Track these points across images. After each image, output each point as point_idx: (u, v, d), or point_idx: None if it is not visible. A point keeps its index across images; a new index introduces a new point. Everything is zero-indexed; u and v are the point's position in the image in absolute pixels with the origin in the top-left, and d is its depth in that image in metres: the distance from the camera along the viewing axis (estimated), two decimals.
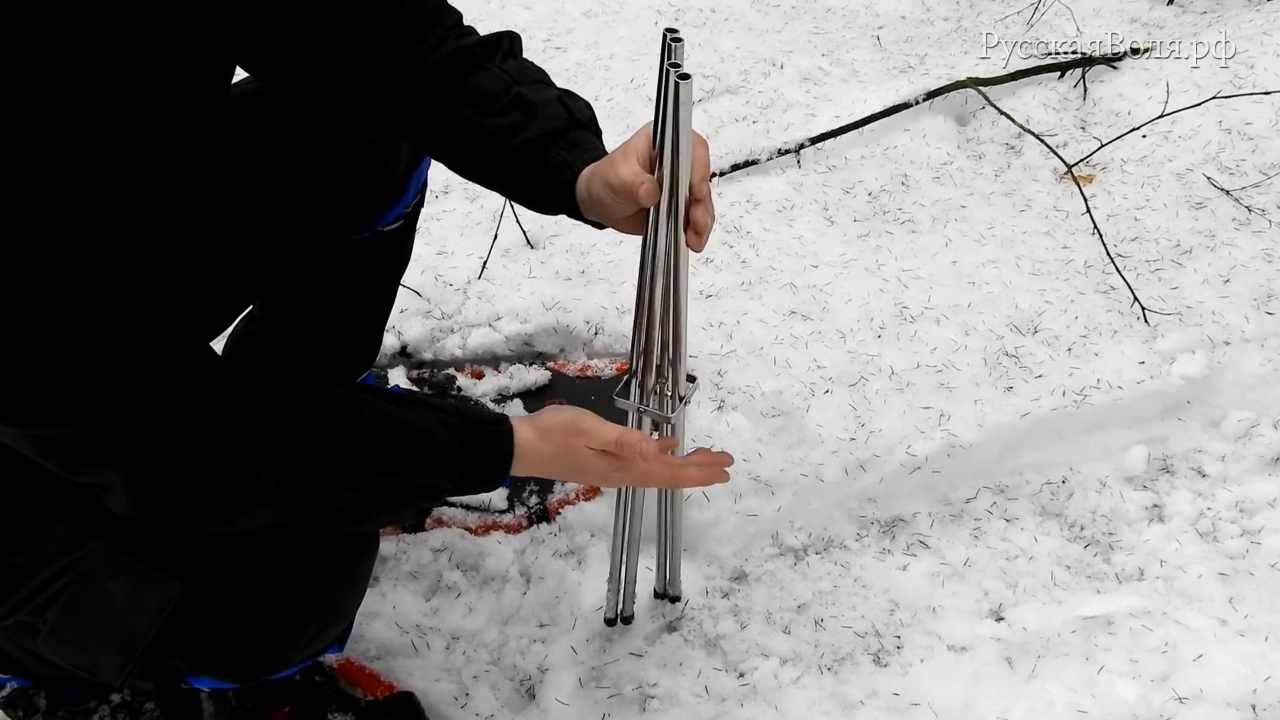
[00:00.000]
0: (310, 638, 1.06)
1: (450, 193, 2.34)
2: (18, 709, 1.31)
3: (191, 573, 0.96)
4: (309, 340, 1.51)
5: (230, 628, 1.00)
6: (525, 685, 1.42)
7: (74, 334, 0.78)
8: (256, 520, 0.92)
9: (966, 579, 1.55)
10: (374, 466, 0.94)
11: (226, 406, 0.90)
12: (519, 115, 1.03)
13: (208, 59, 0.93)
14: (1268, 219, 2.13)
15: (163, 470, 0.87)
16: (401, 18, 1.07)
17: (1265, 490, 1.65)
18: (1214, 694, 1.34)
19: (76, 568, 0.94)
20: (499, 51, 1.09)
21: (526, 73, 1.08)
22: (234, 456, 0.89)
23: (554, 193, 1.03)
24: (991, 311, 1.94)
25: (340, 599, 1.08)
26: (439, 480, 0.99)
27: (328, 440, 0.93)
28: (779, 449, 1.67)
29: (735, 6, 3.27)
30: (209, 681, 1.10)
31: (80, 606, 0.94)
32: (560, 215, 1.08)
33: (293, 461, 0.91)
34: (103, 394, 0.82)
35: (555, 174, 1.01)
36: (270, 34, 1.04)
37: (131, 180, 0.82)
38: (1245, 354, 1.84)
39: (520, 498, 1.66)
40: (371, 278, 1.53)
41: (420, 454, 0.97)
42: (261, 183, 1.22)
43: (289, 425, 0.92)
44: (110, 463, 0.85)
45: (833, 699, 1.38)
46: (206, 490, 0.89)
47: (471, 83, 1.05)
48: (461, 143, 1.07)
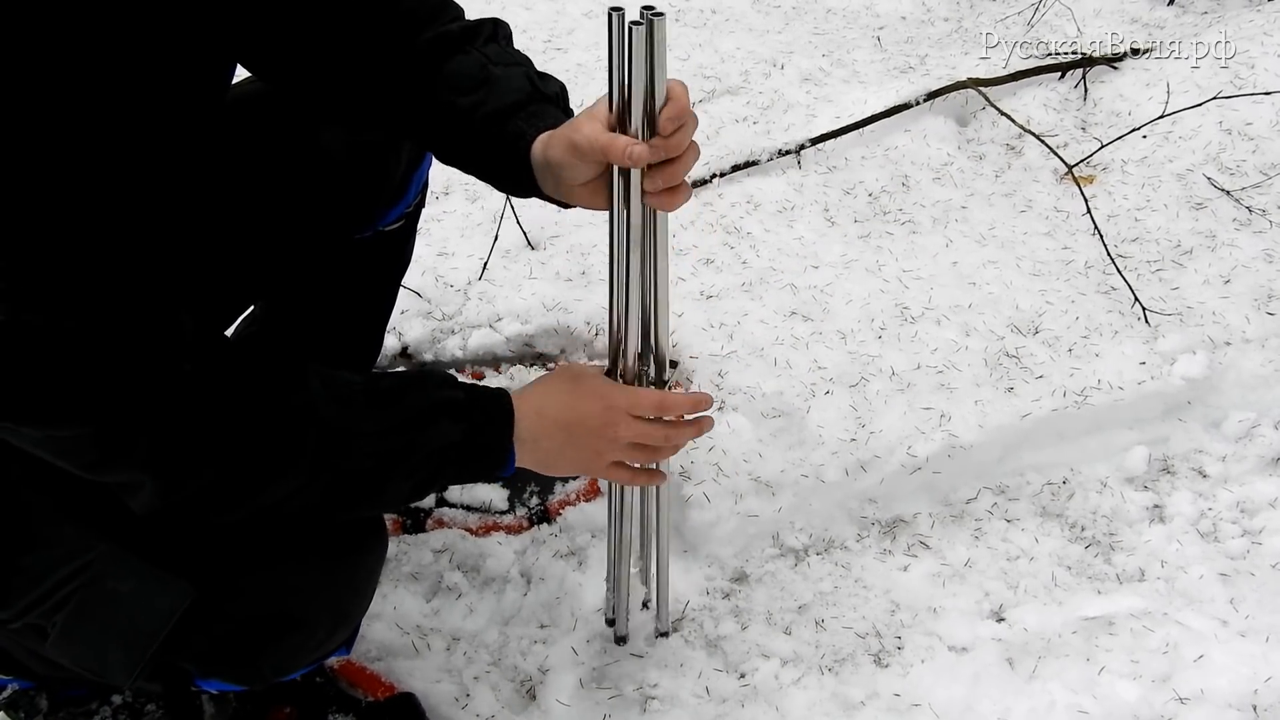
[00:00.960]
0: (320, 639, 1.06)
1: (451, 193, 2.34)
2: (19, 710, 1.31)
3: (201, 575, 0.96)
4: (310, 341, 1.51)
5: (239, 629, 1.00)
6: (526, 686, 1.42)
7: (91, 334, 0.78)
8: (282, 491, 0.92)
9: (967, 580, 1.55)
10: (389, 431, 0.95)
11: (244, 385, 0.90)
12: (484, 92, 1.02)
13: (208, 58, 0.93)
14: (1268, 219, 2.12)
15: (188, 455, 0.87)
16: (402, 16, 1.08)
17: (1266, 491, 1.65)
18: (1215, 694, 1.33)
19: (86, 571, 0.94)
20: (480, 36, 1.08)
21: (505, 55, 1.07)
22: (257, 428, 0.89)
23: (512, 165, 1.00)
24: (992, 312, 1.94)
25: (349, 600, 1.09)
26: (450, 433, 0.97)
27: (345, 407, 0.93)
28: (779, 450, 1.67)
29: (736, 7, 3.27)
30: (218, 684, 1.10)
31: (90, 609, 0.94)
32: (531, 197, 1.05)
33: (315, 425, 0.91)
34: (123, 392, 0.81)
35: (511, 144, 0.99)
36: (272, 34, 1.04)
37: (137, 178, 0.82)
38: (1246, 354, 1.84)
39: (521, 499, 1.67)
40: (372, 278, 1.54)
41: (429, 411, 0.97)
42: (262, 182, 1.23)
43: (309, 394, 0.92)
44: (134, 458, 0.85)
45: (833, 700, 1.38)
46: (232, 467, 0.89)
47: (449, 66, 1.04)
48: (439, 125, 1.06)
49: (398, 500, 1.02)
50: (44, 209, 0.74)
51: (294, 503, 0.93)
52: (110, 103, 0.77)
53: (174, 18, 0.82)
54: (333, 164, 1.25)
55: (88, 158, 0.76)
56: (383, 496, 1.00)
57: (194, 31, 0.86)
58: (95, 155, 0.77)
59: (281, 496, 0.92)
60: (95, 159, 0.77)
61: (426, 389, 1.00)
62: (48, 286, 0.75)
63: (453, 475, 1.01)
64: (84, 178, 0.76)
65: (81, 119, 0.75)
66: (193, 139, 0.94)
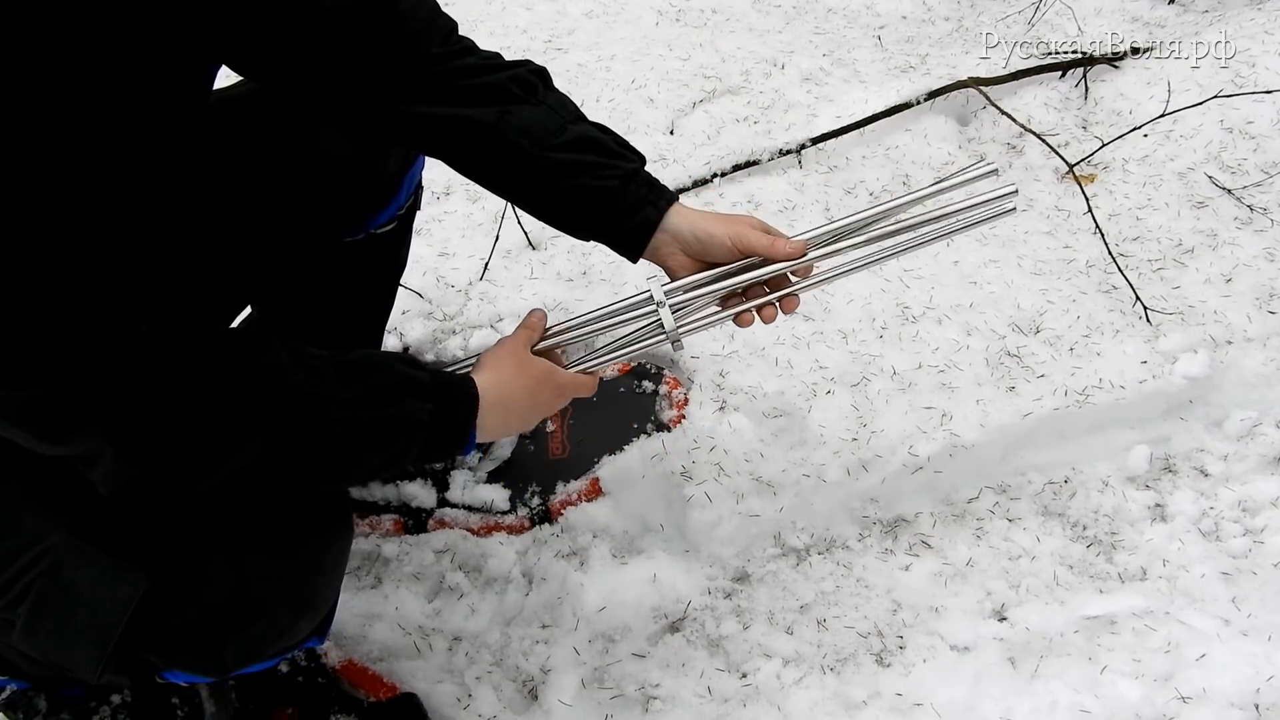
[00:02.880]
0: (282, 628, 1.04)
1: (452, 194, 2.34)
2: (17, 711, 1.31)
3: (157, 563, 0.95)
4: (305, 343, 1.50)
5: (200, 619, 0.98)
6: (528, 686, 1.42)
7: (53, 290, 0.78)
8: (249, 457, 0.91)
9: (969, 579, 1.55)
10: (357, 403, 0.97)
11: (208, 351, 0.89)
12: (594, 155, 1.15)
13: (191, 57, 0.93)
14: (1269, 218, 2.12)
15: (149, 419, 0.85)
16: (394, 21, 1.08)
17: (1268, 490, 1.65)
18: (1217, 694, 1.33)
19: (43, 560, 0.93)
20: (538, 89, 1.18)
21: (568, 107, 1.19)
22: (224, 389, 0.88)
23: (616, 223, 1.16)
24: (993, 311, 1.94)
25: (311, 587, 1.06)
26: (417, 410, 1.01)
27: (314, 376, 0.95)
28: (781, 449, 1.67)
29: (736, 7, 3.27)
30: (182, 675, 1.08)
31: (50, 600, 0.93)
32: (586, 241, 1.21)
33: (286, 389, 0.92)
34: (77, 349, 0.80)
35: (634, 209, 1.16)
36: (260, 35, 1.04)
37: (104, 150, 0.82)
38: (1247, 353, 1.84)
39: (522, 499, 1.67)
40: (366, 280, 1.52)
41: (396, 387, 1.01)
42: (247, 183, 1.22)
43: (277, 358, 0.93)
44: (94, 424, 0.83)
45: (835, 699, 1.38)
46: (197, 431, 0.88)
47: (520, 115, 1.14)
48: (510, 170, 1.16)
49: (365, 475, 1.02)
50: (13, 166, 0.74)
51: (261, 472, 0.92)
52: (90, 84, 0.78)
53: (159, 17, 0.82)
54: (318, 165, 1.25)
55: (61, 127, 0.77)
56: (352, 469, 1.00)
57: (178, 30, 0.86)
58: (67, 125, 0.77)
59: (249, 463, 0.91)
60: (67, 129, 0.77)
61: (393, 367, 1.02)
62: (11, 238, 0.75)
63: (418, 454, 1.03)
64: (45, 142, 0.76)
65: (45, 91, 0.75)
66: (174, 129, 0.94)
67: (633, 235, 1.17)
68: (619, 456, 1.67)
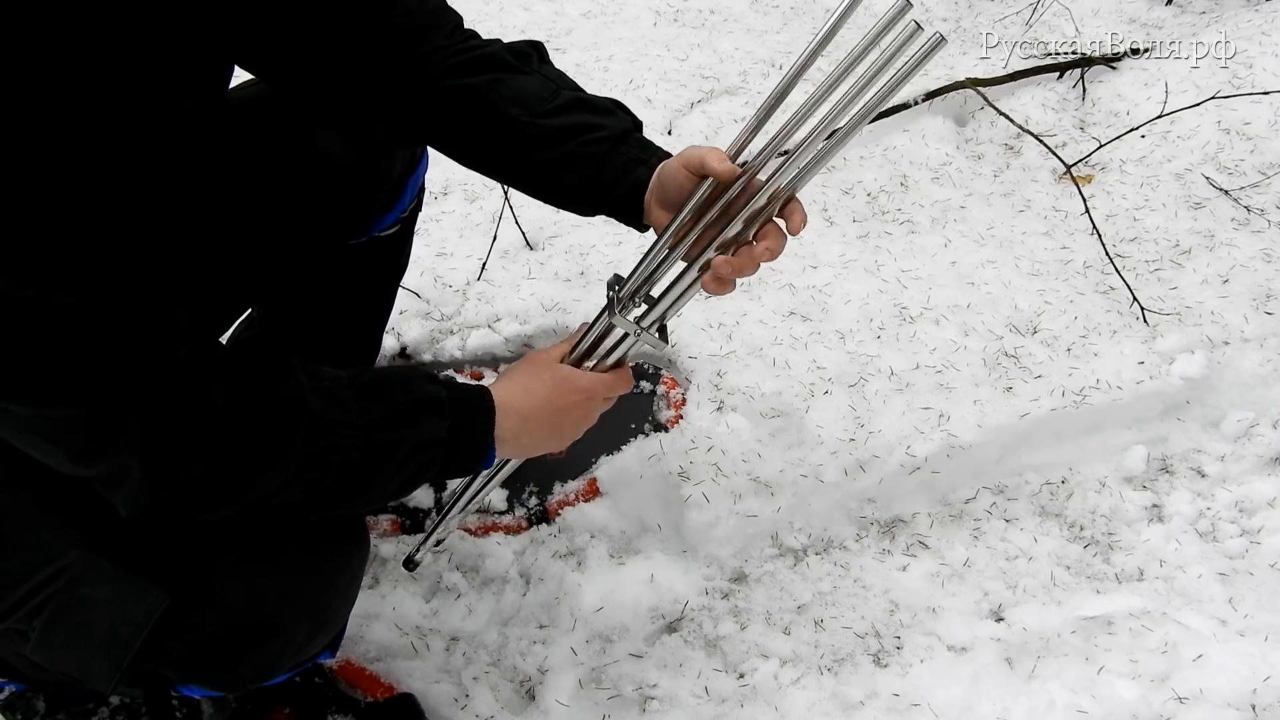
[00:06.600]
0: (299, 645, 1.05)
1: (450, 194, 2.34)
2: (16, 712, 1.31)
3: (175, 580, 0.95)
4: (306, 344, 1.50)
5: (216, 635, 0.99)
6: (525, 686, 1.42)
7: (86, 311, 0.78)
8: (271, 484, 0.91)
9: (966, 579, 1.55)
10: (374, 425, 0.95)
11: (234, 379, 0.89)
12: (583, 115, 1.09)
13: (205, 58, 0.93)
14: (1266, 219, 2.13)
15: (178, 442, 0.86)
16: (400, 16, 1.08)
17: (1265, 490, 1.65)
18: (1214, 694, 1.34)
19: (61, 577, 0.94)
20: (532, 58, 1.14)
21: (564, 78, 1.14)
22: (248, 417, 0.88)
23: (610, 188, 1.09)
24: (991, 312, 1.94)
25: (328, 605, 1.07)
26: (435, 429, 0.99)
27: (332, 399, 0.94)
28: (778, 450, 1.67)
29: (734, 7, 3.27)
30: (198, 690, 1.09)
31: (66, 615, 0.93)
32: (590, 215, 1.15)
33: (305, 416, 0.91)
34: (117, 371, 0.81)
35: (625, 170, 1.08)
36: (268, 32, 1.04)
37: (134, 163, 0.82)
38: (1244, 354, 1.84)
39: (520, 499, 1.67)
40: (368, 283, 1.53)
41: (413, 405, 0.99)
42: (254, 186, 1.22)
43: (297, 385, 0.92)
44: (124, 445, 0.84)
45: (833, 700, 1.38)
46: (222, 457, 0.88)
47: (511, 84, 1.09)
48: (502, 141, 1.11)
49: (383, 496, 1.01)
50: (39, 188, 0.74)
51: (282, 498, 0.93)
52: (106, 87, 0.77)
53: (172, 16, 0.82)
54: (325, 169, 1.25)
55: (84, 139, 0.76)
56: (370, 491, 0.99)
57: (191, 30, 0.86)
58: (91, 137, 0.77)
59: (270, 490, 0.92)
60: (92, 140, 0.77)
61: (410, 385, 1.01)
62: (42, 262, 0.75)
63: (436, 472, 1.02)
64: (81, 159, 0.76)
65: (76, 102, 0.75)
66: (191, 133, 0.94)
67: (628, 200, 1.09)
68: (616, 457, 1.67)
